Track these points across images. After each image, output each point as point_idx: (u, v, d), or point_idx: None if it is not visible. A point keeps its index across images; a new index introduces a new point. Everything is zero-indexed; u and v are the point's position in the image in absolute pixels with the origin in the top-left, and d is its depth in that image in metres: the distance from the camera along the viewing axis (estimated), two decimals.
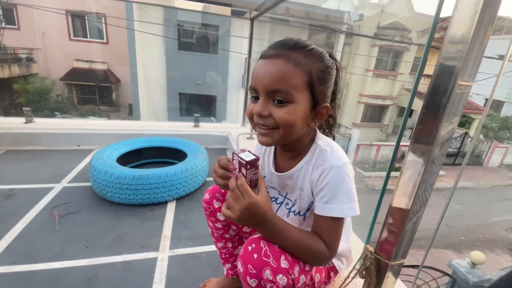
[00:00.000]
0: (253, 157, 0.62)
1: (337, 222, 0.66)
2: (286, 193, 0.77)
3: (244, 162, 0.61)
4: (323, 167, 0.66)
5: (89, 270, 1.13)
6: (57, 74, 11.39)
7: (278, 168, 0.78)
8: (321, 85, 0.65)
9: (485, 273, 3.80)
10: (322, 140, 0.72)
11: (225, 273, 1.01)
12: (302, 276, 0.67)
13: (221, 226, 0.90)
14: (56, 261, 1.16)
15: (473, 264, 3.75)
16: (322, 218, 0.66)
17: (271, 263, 0.61)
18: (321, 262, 0.70)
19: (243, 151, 0.64)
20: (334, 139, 0.75)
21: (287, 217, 0.77)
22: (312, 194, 0.70)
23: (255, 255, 0.61)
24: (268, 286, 0.60)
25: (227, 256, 0.96)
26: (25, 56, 11.13)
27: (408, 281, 0.96)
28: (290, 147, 0.73)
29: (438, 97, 0.55)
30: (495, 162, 12.73)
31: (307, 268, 0.69)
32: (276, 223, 0.63)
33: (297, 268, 0.65)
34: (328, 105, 0.67)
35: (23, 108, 2.38)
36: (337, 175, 0.64)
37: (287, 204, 0.77)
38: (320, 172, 0.67)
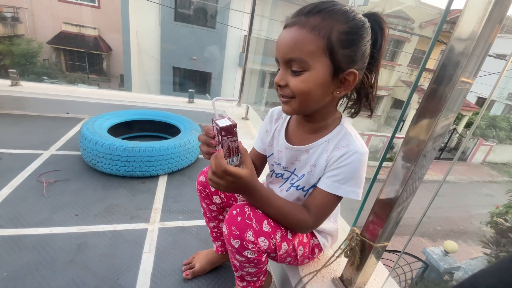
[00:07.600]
0: (229, 123, 0.58)
1: (334, 199, 0.68)
2: (295, 169, 0.77)
3: (218, 128, 0.58)
4: (346, 149, 0.67)
5: (78, 237, 1.14)
6: (45, 37, 10.77)
7: (290, 142, 0.77)
8: (344, 48, 0.59)
9: (456, 261, 4.06)
10: (347, 124, 0.72)
11: (214, 249, 1.04)
12: (284, 244, 0.71)
13: (215, 209, 0.91)
14: (45, 227, 1.17)
15: (446, 252, 3.99)
16: (323, 192, 0.68)
17: (253, 225, 0.65)
18: (303, 229, 0.73)
19: (222, 117, 0.61)
20: (372, 113, 0.71)
21: (287, 191, 0.78)
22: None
23: (239, 218, 0.65)
24: (250, 247, 0.64)
25: (218, 234, 0.98)
26: (11, 15, 10.42)
27: (385, 265, 1.02)
28: (314, 119, 0.72)
29: (439, 91, 0.55)
30: (478, 159, 13.16)
31: (289, 237, 0.72)
32: (261, 192, 0.66)
33: (279, 234, 0.69)
34: (355, 71, 0.61)
35: (9, 70, 2.26)
36: (358, 161, 0.66)
37: (292, 179, 0.78)
38: (343, 153, 0.67)
